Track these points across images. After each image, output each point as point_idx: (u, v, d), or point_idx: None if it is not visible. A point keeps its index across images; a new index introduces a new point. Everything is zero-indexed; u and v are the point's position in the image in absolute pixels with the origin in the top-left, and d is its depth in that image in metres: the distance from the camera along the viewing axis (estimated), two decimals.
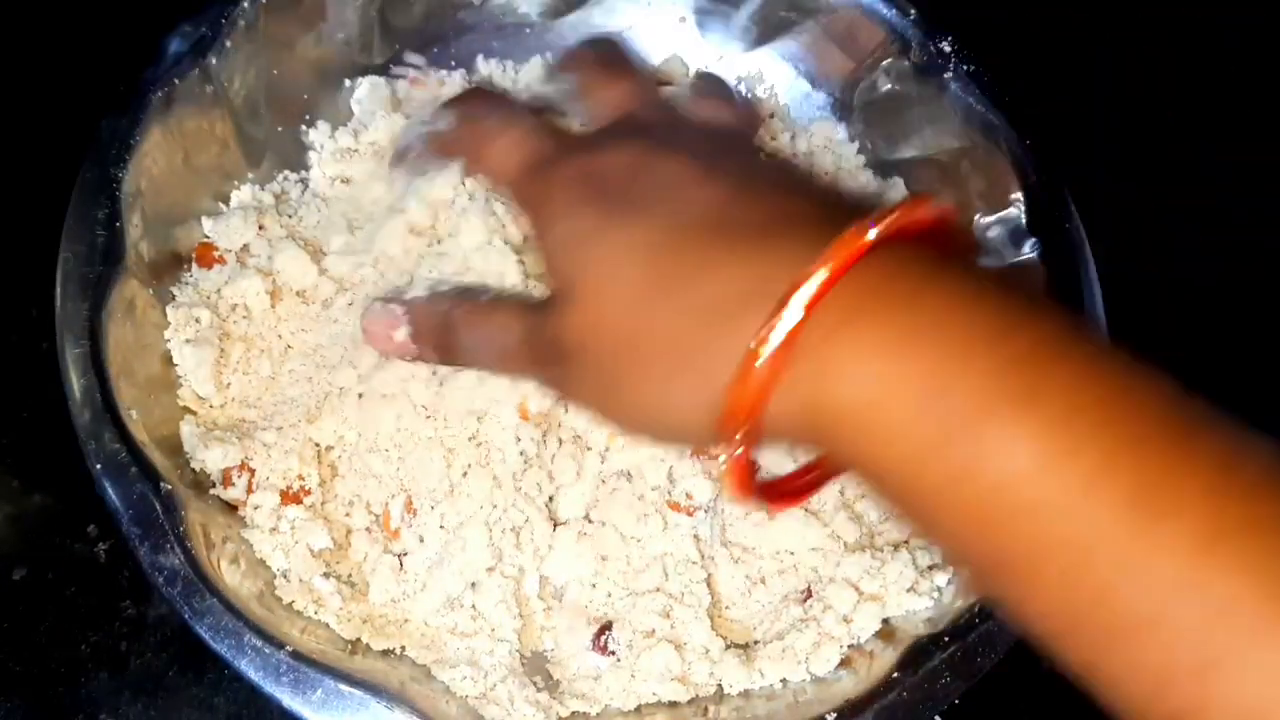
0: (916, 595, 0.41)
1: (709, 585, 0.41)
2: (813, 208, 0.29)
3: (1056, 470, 0.23)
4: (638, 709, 0.40)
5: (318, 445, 0.41)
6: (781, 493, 0.32)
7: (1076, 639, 0.24)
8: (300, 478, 0.41)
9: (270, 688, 0.35)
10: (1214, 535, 0.22)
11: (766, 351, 0.26)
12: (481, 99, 0.37)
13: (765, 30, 0.50)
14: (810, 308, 0.25)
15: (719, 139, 0.35)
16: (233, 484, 0.40)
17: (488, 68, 0.50)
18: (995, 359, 0.24)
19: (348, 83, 0.48)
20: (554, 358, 0.31)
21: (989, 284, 0.26)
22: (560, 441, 0.41)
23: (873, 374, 0.25)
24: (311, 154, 0.47)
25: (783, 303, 0.25)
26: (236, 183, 0.46)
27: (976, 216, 0.46)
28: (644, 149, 0.32)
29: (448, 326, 0.36)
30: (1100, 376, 0.24)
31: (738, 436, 0.27)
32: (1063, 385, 0.24)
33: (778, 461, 0.36)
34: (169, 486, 0.37)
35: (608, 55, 0.39)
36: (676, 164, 0.31)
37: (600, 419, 0.32)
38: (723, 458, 0.28)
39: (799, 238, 0.27)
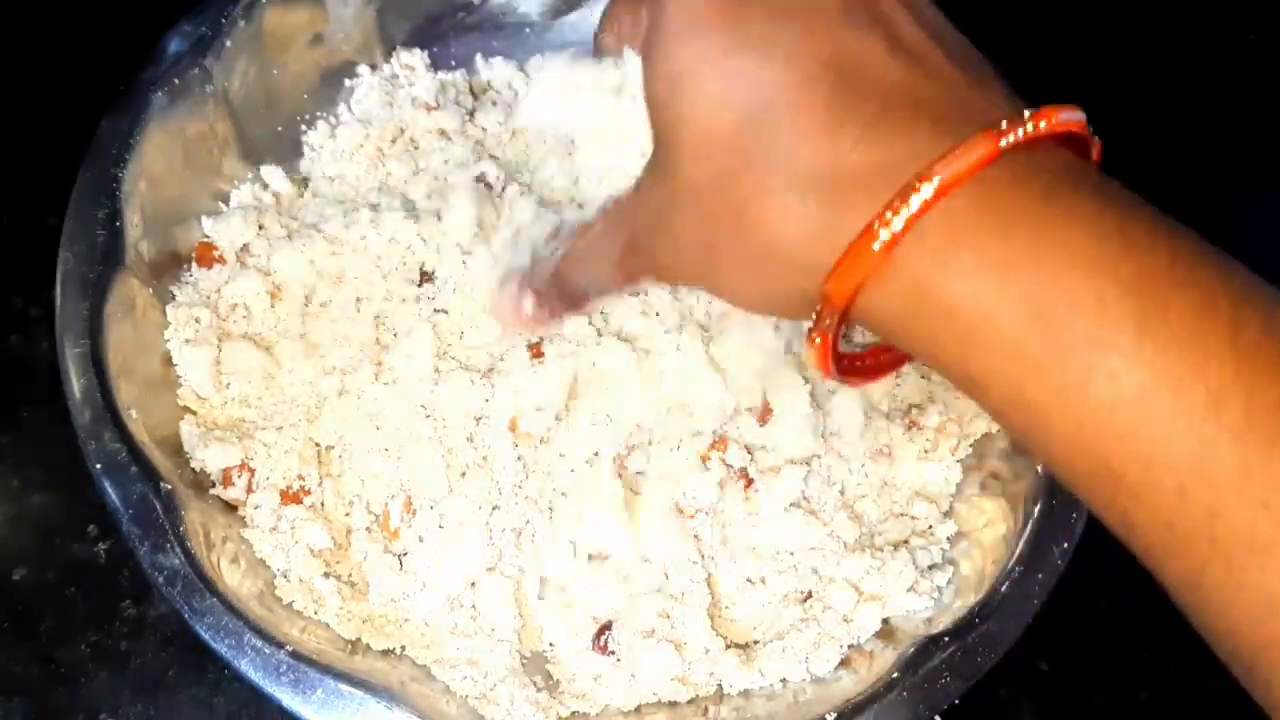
0: (916, 595, 0.41)
1: (709, 585, 0.41)
2: (951, 75, 0.27)
3: (1176, 392, 0.23)
4: (638, 709, 0.40)
5: (318, 445, 0.41)
6: (857, 368, 0.31)
7: (1181, 556, 0.24)
8: (300, 478, 0.41)
9: (270, 688, 0.35)
10: None
11: (881, 238, 0.24)
12: None
13: None
14: (931, 203, 0.24)
15: None
16: (233, 484, 0.40)
17: (488, 68, 0.50)
18: (1121, 275, 0.23)
19: (347, 83, 0.48)
20: (652, 224, 0.30)
21: (1120, 195, 0.25)
22: (561, 455, 0.41)
23: (989, 280, 0.24)
24: (311, 154, 0.47)
25: (904, 194, 0.24)
26: (236, 183, 0.46)
27: None
28: None
29: (561, 277, 0.34)
30: (1229, 299, 0.23)
31: (828, 319, 0.26)
32: (1190, 306, 0.23)
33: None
34: (169, 486, 0.37)
35: None
36: None
37: (705, 286, 0.30)
38: (808, 329, 0.27)
39: (931, 121, 0.25)
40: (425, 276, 0.43)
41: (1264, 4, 0.61)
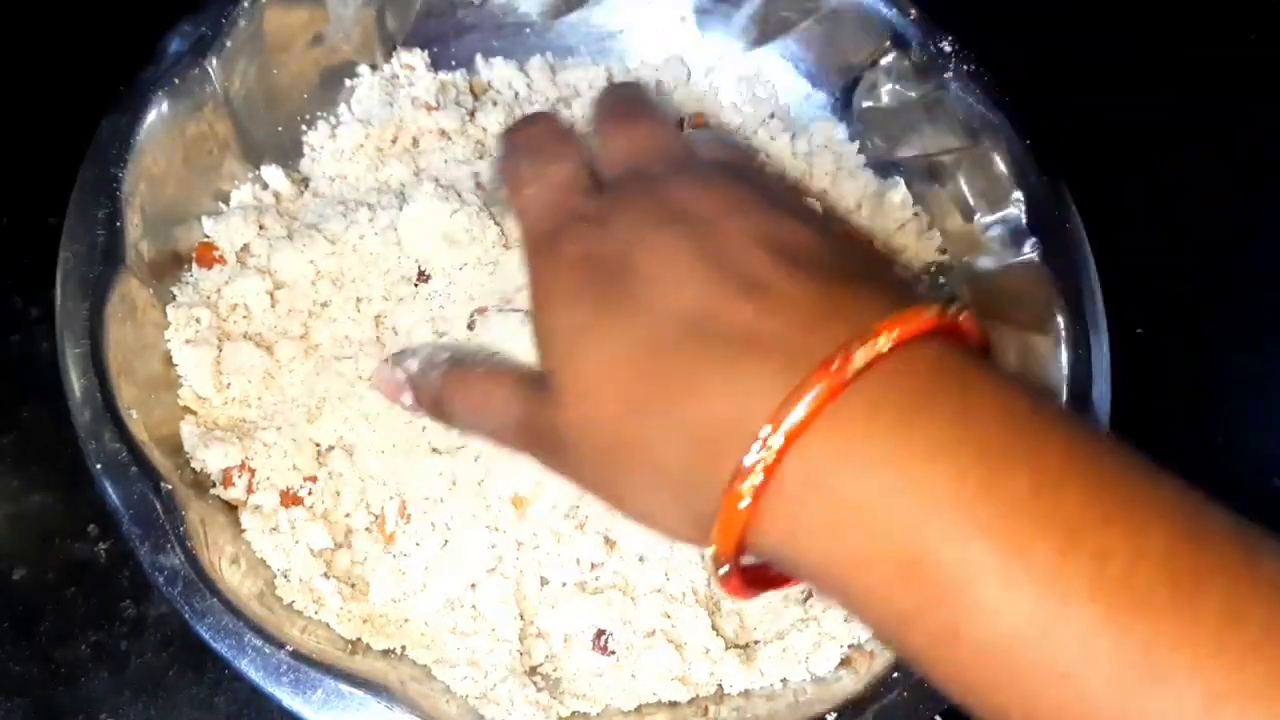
0: None
1: (709, 585, 0.41)
2: (801, 299, 0.27)
3: (1050, 632, 0.22)
4: (638, 709, 0.40)
5: (318, 445, 0.41)
6: (770, 578, 0.30)
7: None
8: (301, 478, 0.41)
9: (270, 688, 0.35)
10: (1217, 698, 0.21)
11: (746, 492, 0.25)
12: (538, 129, 0.36)
13: (765, 30, 0.50)
14: (784, 451, 0.24)
15: (730, 184, 0.32)
16: (233, 484, 0.40)
17: (488, 68, 0.50)
18: (979, 518, 0.23)
19: (348, 83, 0.48)
20: (552, 445, 0.30)
21: (985, 402, 0.24)
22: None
23: (852, 534, 0.24)
24: (311, 154, 0.47)
25: (760, 443, 0.24)
26: (236, 183, 0.46)
27: (976, 216, 0.46)
28: (643, 223, 0.30)
29: (441, 398, 0.35)
30: (1095, 527, 0.23)
31: (724, 567, 0.27)
32: (1054, 548, 0.22)
33: None
34: (169, 486, 0.37)
35: (626, 98, 0.37)
36: (674, 239, 0.29)
37: (612, 506, 0.31)
38: (709, 559, 0.27)
39: (781, 357, 0.25)
40: (422, 276, 0.43)
41: (1264, 4, 0.61)
